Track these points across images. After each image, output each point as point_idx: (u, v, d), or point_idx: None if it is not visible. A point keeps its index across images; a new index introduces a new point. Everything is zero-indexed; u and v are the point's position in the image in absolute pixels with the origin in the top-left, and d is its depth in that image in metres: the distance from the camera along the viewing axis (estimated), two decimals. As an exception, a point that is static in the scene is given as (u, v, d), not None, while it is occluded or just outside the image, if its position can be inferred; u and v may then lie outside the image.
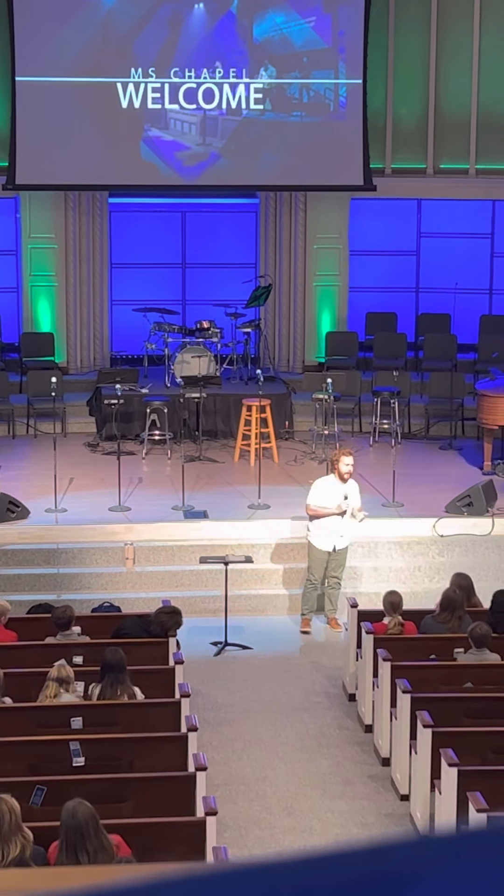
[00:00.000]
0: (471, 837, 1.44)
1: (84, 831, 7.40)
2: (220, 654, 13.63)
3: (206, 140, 19.99)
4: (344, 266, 20.90)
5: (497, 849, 1.41)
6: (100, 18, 19.55)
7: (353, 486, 14.14)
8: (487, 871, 1.39)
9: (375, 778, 11.07)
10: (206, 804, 8.50)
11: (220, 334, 19.44)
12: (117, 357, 20.71)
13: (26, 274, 20.51)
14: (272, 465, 17.54)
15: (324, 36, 19.86)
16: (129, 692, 10.21)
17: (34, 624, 12.04)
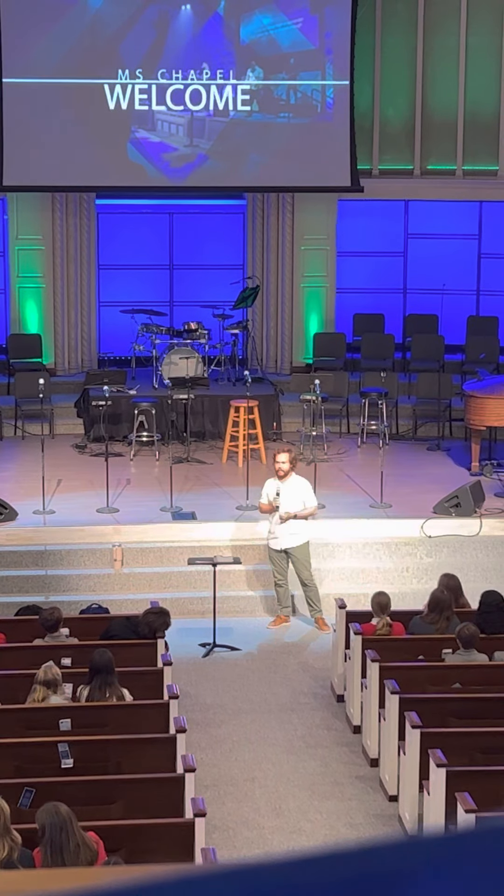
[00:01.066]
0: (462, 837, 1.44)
1: (67, 828, 7.41)
2: (208, 655, 13.63)
3: (194, 141, 19.99)
4: (331, 267, 20.91)
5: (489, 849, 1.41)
6: (87, 20, 19.54)
7: (294, 484, 14.08)
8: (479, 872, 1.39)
9: (364, 779, 11.07)
10: (195, 805, 8.50)
11: (208, 336, 19.45)
12: (105, 358, 20.70)
13: (13, 275, 20.50)
14: (260, 466, 17.53)
15: (311, 37, 19.87)
16: (118, 694, 10.21)
17: (22, 626, 12.03)
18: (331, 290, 20.98)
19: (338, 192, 20.46)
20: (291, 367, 20.77)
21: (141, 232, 21.40)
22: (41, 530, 15.41)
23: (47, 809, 7.51)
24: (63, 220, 20.49)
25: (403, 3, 20.64)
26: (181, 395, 18.08)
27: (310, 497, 14.19)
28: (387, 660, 11.23)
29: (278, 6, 19.78)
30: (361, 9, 19.96)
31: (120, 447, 18.32)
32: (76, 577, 14.80)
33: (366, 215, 21.30)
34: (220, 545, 15.00)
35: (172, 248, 21.49)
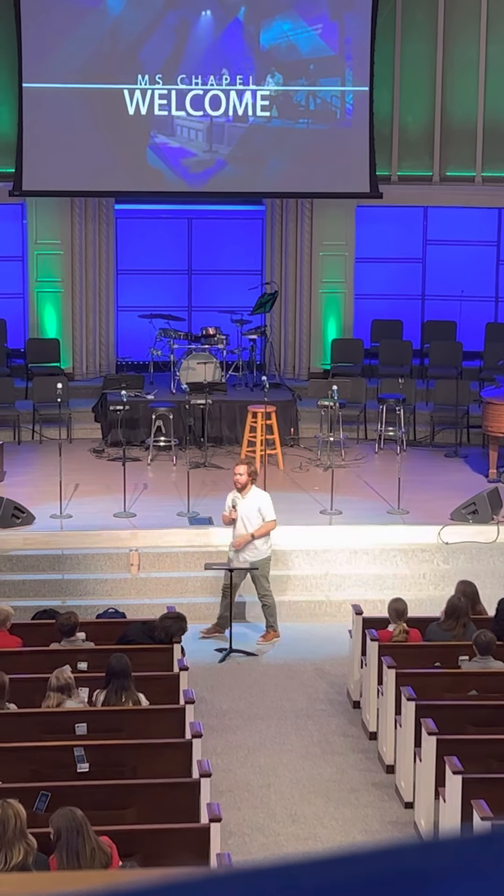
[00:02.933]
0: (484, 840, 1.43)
1: (82, 833, 7.42)
2: (224, 660, 13.62)
3: (213, 147, 20.01)
4: (350, 273, 20.90)
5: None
6: (107, 25, 19.57)
7: (252, 497, 13.88)
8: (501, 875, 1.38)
9: (380, 785, 11.05)
10: (210, 811, 8.50)
11: (226, 341, 19.44)
12: (123, 363, 20.72)
13: (32, 280, 20.53)
14: (277, 472, 17.52)
15: (330, 43, 19.88)
16: (134, 698, 10.21)
17: (39, 630, 12.05)
18: (349, 296, 20.97)
19: (357, 198, 20.46)
20: (309, 373, 20.76)
21: (159, 237, 21.41)
22: (58, 534, 15.42)
23: (63, 814, 7.51)
24: (82, 225, 20.52)
25: (423, 10, 20.63)
26: (199, 401, 18.08)
27: (268, 511, 13.89)
28: (403, 666, 11.21)
29: (298, 12, 19.79)
30: (381, 15, 19.97)
31: (137, 452, 18.33)
32: (93, 581, 14.81)
33: (384, 221, 21.29)
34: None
35: (191, 253, 21.50)
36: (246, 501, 13.86)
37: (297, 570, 15.08)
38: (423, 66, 20.79)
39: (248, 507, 13.86)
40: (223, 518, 14.16)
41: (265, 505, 13.94)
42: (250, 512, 13.87)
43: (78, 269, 20.54)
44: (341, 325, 20.92)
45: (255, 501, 13.91)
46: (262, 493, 14.06)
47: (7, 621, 11.69)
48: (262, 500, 13.97)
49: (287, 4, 19.78)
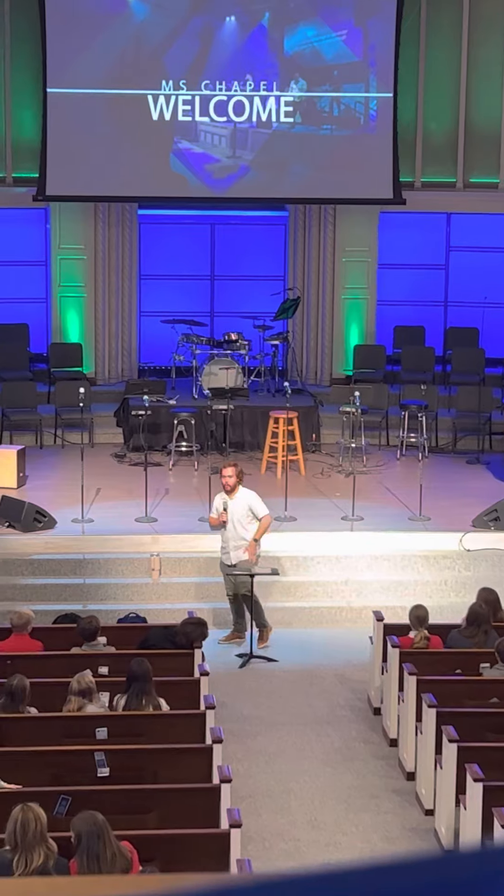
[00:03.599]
0: None
1: (103, 837, 7.42)
2: (245, 665, 13.61)
3: (236, 152, 20.02)
4: (372, 279, 20.89)
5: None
6: (131, 31, 19.60)
7: (240, 498, 13.88)
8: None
9: (400, 792, 11.03)
10: (231, 816, 8.49)
11: (248, 346, 19.45)
12: (145, 368, 20.74)
13: (55, 284, 20.57)
14: (299, 478, 17.52)
15: (355, 49, 19.88)
16: (155, 703, 10.21)
17: (60, 634, 12.05)
18: (371, 302, 20.95)
19: (380, 204, 20.45)
20: (331, 379, 20.74)
21: (182, 242, 21.43)
22: (80, 539, 15.44)
23: (84, 818, 7.51)
24: (105, 230, 20.55)
25: (448, 17, 20.61)
26: (221, 406, 18.09)
27: (259, 507, 13.90)
28: (424, 673, 11.20)
29: (323, 18, 19.80)
30: (406, 21, 19.96)
31: (159, 457, 18.34)
32: (114, 586, 14.82)
33: (407, 228, 21.28)
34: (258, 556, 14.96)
35: (214, 258, 21.52)
36: (235, 502, 13.86)
37: (318, 576, 15.07)
38: (447, 72, 20.77)
39: (237, 507, 13.86)
40: (211, 520, 14.10)
41: (255, 503, 13.92)
42: (240, 512, 13.87)
43: (101, 273, 20.57)
44: (363, 331, 20.91)
45: (244, 501, 13.89)
46: (249, 493, 14.00)
47: (28, 625, 11.70)
48: (250, 499, 13.94)
49: (311, 10, 19.78)
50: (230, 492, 13.87)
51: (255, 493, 14.06)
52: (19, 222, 20.84)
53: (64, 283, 20.53)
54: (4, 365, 20.08)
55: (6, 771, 9.17)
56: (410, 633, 11.95)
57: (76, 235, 20.49)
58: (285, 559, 15.04)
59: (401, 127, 20.24)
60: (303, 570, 15.12)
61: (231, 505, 13.85)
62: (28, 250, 20.93)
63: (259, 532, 13.93)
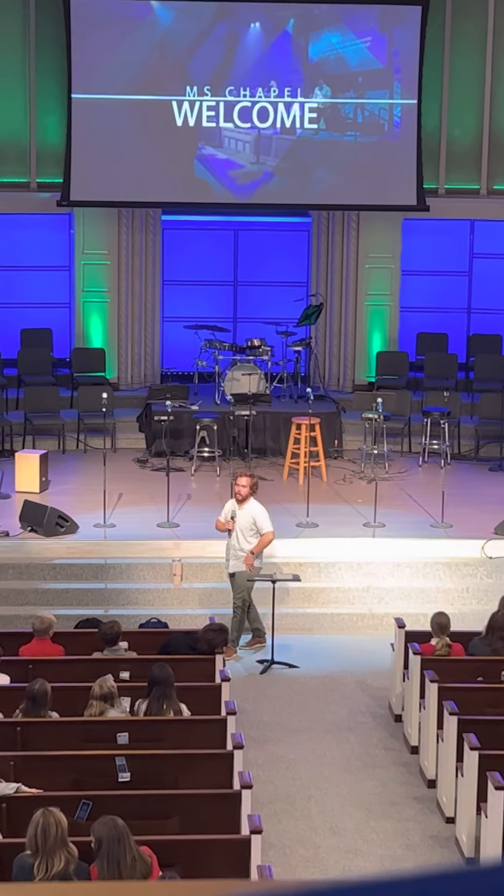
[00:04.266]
0: None
1: (124, 842, 7.42)
2: (266, 671, 13.60)
3: (260, 158, 20.04)
4: (395, 286, 20.88)
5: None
6: (156, 37, 19.64)
7: (248, 509, 13.82)
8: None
9: (421, 800, 11.02)
10: (251, 822, 8.48)
11: (271, 352, 19.45)
12: (168, 373, 20.76)
13: (79, 289, 20.61)
14: (321, 484, 17.51)
15: (379, 56, 19.88)
16: (176, 708, 10.21)
17: (81, 638, 12.07)
18: (394, 309, 20.94)
19: (403, 210, 20.44)
20: (354, 385, 20.73)
21: (206, 248, 21.45)
22: (102, 544, 15.46)
23: (104, 822, 7.51)
24: (129, 235, 20.58)
25: (472, 24, 20.60)
26: (243, 412, 18.10)
27: (264, 523, 13.84)
28: (445, 680, 11.18)
29: (347, 25, 19.80)
30: (430, 28, 19.95)
31: (181, 462, 18.35)
32: (135, 591, 14.83)
33: (431, 234, 21.26)
34: (280, 562, 14.98)
35: (237, 264, 21.53)
36: (242, 512, 13.83)
37: (339, 583, 15.06)
38: (471, 79, 20.75)
39: (243, 518, 13.84)
40: (218, 524, 14.03)
41: (260, 518, 13.87)
42: (245, 523, 13.84)
43: (124, 279, 20.60)
44: (386, 338, 20.89)
45: (251, 513, 13.85)
46: (258, 507, 13.95)
47: (50, 630, 11.72)
48: (257, 513, 13.89)
49: (336, 17, 19.79)
50: (241, 501, 13.85)
51: (263, 508, 14.01)
52: (43, 227, 20.89)
53: (87, 288, 20.57)
54: (28, 370, 20.12)
55: (27, 775, 9.18)
56: (432, 641, 11.93)
57: (100, 240, 20.52)
58: (307, 565, 15.04)
59: (425, 133, 20.23)
60: (324, 577, 15.11)
61: (238, 514, 13.82)
62: (52, 255, 20.97)
63: (258, 546, 13.89)
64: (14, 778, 9.09)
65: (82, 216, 20.46)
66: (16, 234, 20.86)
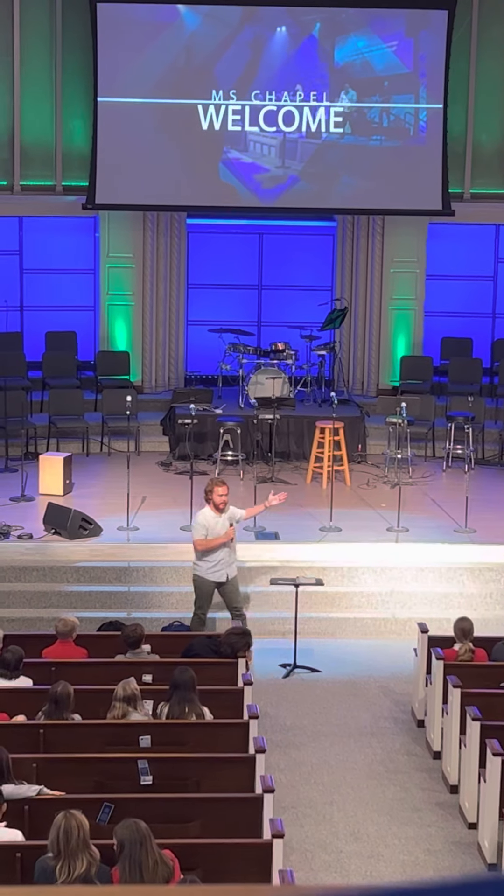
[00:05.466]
0: None
1: (146, 845, 7.42)
2: (289, 676, 13.59)
3: (286, 163, 20.03)
4: (420, 290, 20.85)
5: None
6: (182, 41, 19.65)
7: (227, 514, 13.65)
8: None
9: (443, 805, 10.99)
10: (273, 826, 8.47)
11: (295, 356, 19.45)
12: (192, 377, 20.77)
13: (104, 293, 20.64)
14: (344, 489, 17.50)
15: (405, 60, 19.86)
16: (198, 712, 10.21)
17: (104, 641, 12.08)
18: (419, 314, 20.91)
19: (429, 215, 20.41)
20: (378, 390, 20.71)
21: (230, 252, 21.46)
22: (125, 547, 15.47)
23: (127, 825, 7.51)
24: (154, 239, 20.60)
25: (498, 28, 20.56)
26: (267, 415, 18.09)
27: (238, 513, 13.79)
28: (468, 686, 11.15)
29: (373, 29, 19.79)
30: (457, 32, 19.93)
31: (205, 466, 18.35)
32: (158, 594, 14.84)
33: (456, 239, 21.23)
34: (303, 566, 14.97)
35: (261, 268, 21.53)
36: (225, 518, 13.62)
37: (363, 587, 15.04)
38: (497, 83, 20.71)
39: (227, 523, 13.60)
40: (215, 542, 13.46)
41: (234, 511, 13.71)
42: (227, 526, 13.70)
43: (149, 282, 20.62)
44: (411, 342, 20.87)
45: (228, 516, 13.66)
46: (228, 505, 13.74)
47: (73, 632, 11.73)
48: (230, 512, 13.67)
49: (363, 21, 19.78)
50: (224, 510, 13.67)
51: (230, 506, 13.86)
52: (69, 231, 20.93)
53: (112, 291, 20.59)
54: (52, 372, 20.16)
55: (49, 777, 9.19)
56: (455, 646, 11.90)
57: (125, 244, 20.55)
58: (330, 569, 15.02)
59: (450, 138, 20.19)
60: (347, 581, 15.10)
61: (224, 521, 13.67)
62: (77, 258, 21.01)
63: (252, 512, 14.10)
64: (36, 780, 9.10)
65: (108, 219, 20.49)
66: (41, 238, 20.91)
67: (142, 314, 20.68)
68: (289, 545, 15.52)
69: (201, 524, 13.49)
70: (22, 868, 8.10)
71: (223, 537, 13.51)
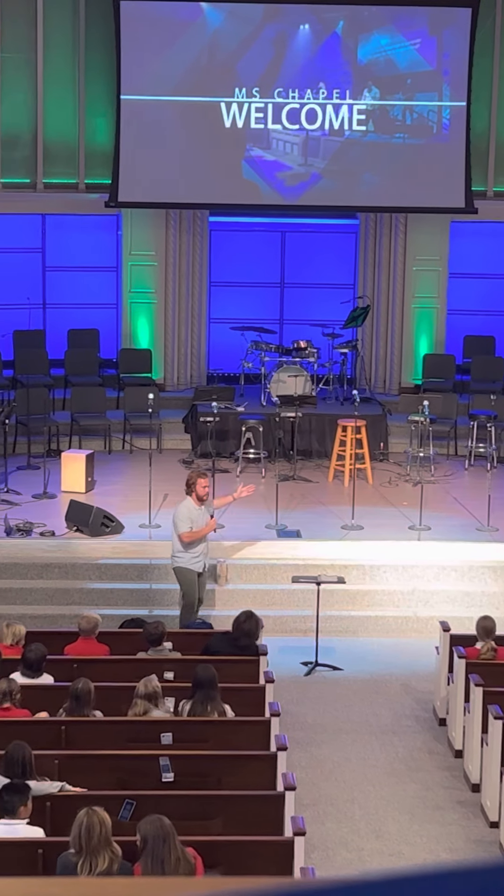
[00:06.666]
0: None
1: (169, 841, 7.43)
2: (310, 674, 13.59)
3: (308, 160, 20.02)
4: (443, 288, 20.82)
5: None
6: (205, 38, 19.65)
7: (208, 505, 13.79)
8: None
9: (465, 804, 10.98)
10: (295, 824, 8.48)
11: (317, 354, 19.43)
12: (214, 375, 20.77)
13: (126, 290, 20.66)
14: (366, 487, 17.49)
15: (428, 58, 19.83)
16: (220, 710, 10.21)
17: (126, 638, 12.09)
18: (442, 312, 20.88)
19: (452, 213, 20.38)
20: (400, 388, 20.69)
21: (253, 249, 21.46)
22: (147, 544, 15.49)
23: (150, 821, 7.52)
24: (176, 237, 20.61)
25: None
26: (289, 413, 18.09)
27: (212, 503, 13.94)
28: (491, 684, 11.13)
29: (397, 27, 19.76)
30: (480, 30, 19.88)
31: (227, 464, 18.36)
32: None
33: (479, 237, 21.19)
34: (325, 564, 14.97)
35: (284, 266, 21.53)
36: (207, 510, 13.73)
37: (384, 585, 15.03)
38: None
39: (207, 515, 13.73)
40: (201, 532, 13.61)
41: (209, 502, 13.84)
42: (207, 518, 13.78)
43: (171, 280, 20.64)
44: (433, 341, 20.84)
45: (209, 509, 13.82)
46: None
47: (95, 629, 11.75)
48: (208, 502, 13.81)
49: (386, 19, 19.75)
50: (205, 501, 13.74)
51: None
52: (91, 228, 20.96)
53: (134, 289, 20.62)
54: (75, 370, 20.19)
55: (71, 774, 9.20)
56: (477, 644, 11.89)
57: (147, 242, 20.57)
58: (351, 567, 15.02)
59: (473, 136, 20.15)
60: (369, 579, 15.09)
61: (205, 513, 13.72)
62: (99, 256, 21.04)
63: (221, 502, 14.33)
64: (58, 777, 9.12)
65: (130, 217, 20.52)
66: (64, 235, 20.94)
67: (164, 312, 20.69)
68: (311, 543, 15.52)
69: (186, 516, 13.64)
70: (44, 864, 8.12)
71: (207, 528, 13.66)
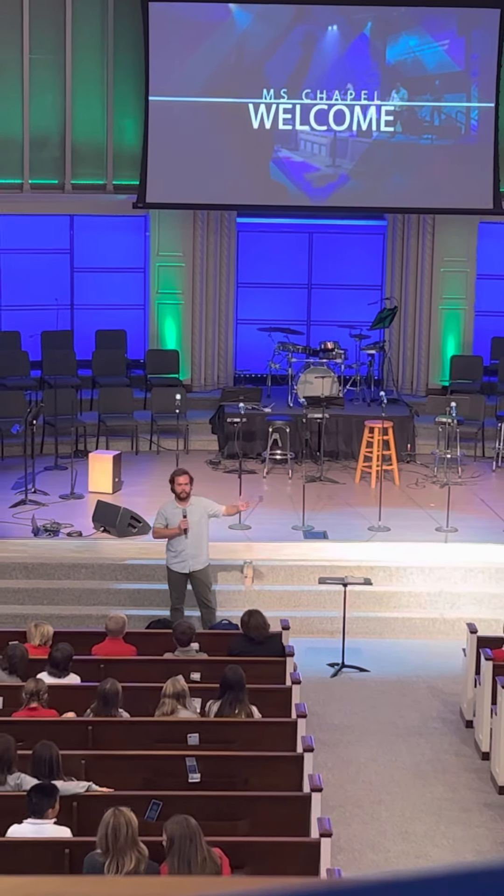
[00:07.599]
0: None
1: (195, 841, 7.43)
2: (336, 675, 13.59)
3: (336, 161, 20.01)
4: (471, 290, 20.78)
5: None
6: (234, 39, 19.67)
7: (196, 504, 13.70)
8: None
9: (492, 806, 10.96)
10: (321, 825, 8.48)
11: (345, 355, 19.42)
12: (241, 376, 20.78)
13: (154, 291, 20.68)
14: (393, 488, 17.47)
15: (457, 59, 19.80)
16: (247, 711, 10.22)
17: (153, 639, 12.10)
18: (469, 313, 20.84)
19: (480, 214, 20.34)
20: (427, 389, 20.67)
21: (280, 250, 21.46)
22: (174, 545, 15.47)
23: (178, 821, 7.53)
24: (204, 238, 20.63)
25: (551, 26, 20.44)
26: (316, 415, 18.09)
27: (215, 506, 13.83)
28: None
29: (425, 28, 19.74)
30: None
31: (253, 464, 18.37)
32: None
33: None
34: (351, 565, 14.96)
35: (311, 267, 21.52)
36: (192, 508, 13.66)
37: (411, 587, 15.01)
38: (549, 82, 20.59)
39: (196, 513, 13.68)
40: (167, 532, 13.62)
41: (209, 504, 13.81)
42: (201, 518, 13.71)
43: (199, 281, 20.65)
44: (461, 342, 20.80)
45: (200, 506, 13.74)
46: (201, 498, 13.84)
47: (123, 630, 11.77)
48: (205, 504, 13.79)
49: (414, 20, 19.74)
50: (185, 499, 13.73)
51: (203, 498, 13.93)
52: (119, 229, 20.99)
53: (162, 290, 20.64)
54: (102, 371, 20.22)
55: (98, 774, 9.22)
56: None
57: (175, 243, 20.59)
58: (378, 569, 15.00)
59: (502, 137, 20.11)
60: (396, 581, 15.07)
61: (190, 510, 13.72)
62: (127, 257, 21.07)
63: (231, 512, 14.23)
64: (85, 777, 9.14)
65: (158, 218, 20.54)
66: (92, 236, 20.98)
67: (191, 313, 20.71)
68: (337, 544, 15.51)
69: (161, 513, 13.76)
70: (71, 864, 8.14)
71: (174, 529, 13.60)
